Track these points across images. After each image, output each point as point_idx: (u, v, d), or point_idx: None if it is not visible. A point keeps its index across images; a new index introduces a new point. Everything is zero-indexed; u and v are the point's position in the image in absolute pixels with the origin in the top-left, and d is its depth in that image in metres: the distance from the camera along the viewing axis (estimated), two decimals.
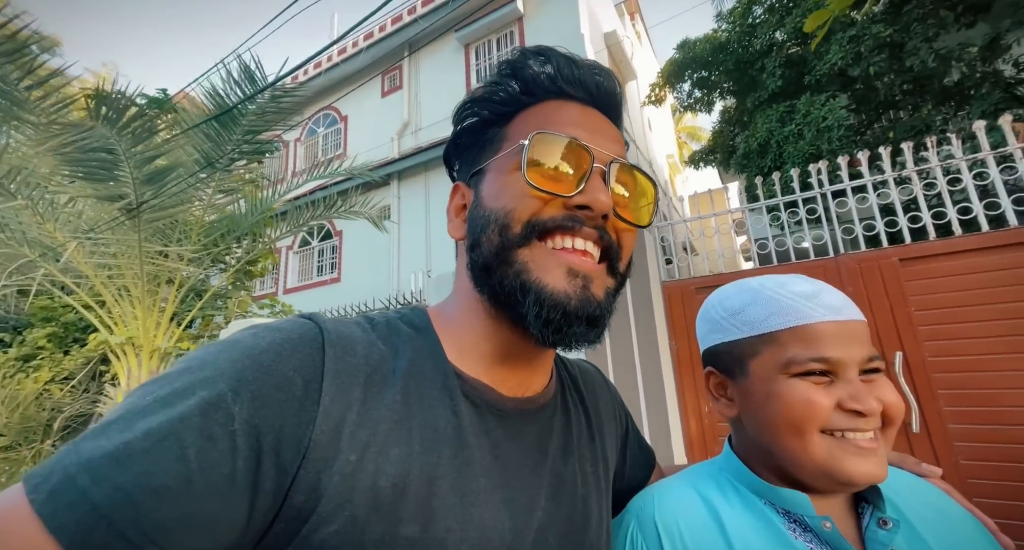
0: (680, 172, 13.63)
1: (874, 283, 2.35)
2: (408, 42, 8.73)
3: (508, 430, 0.44)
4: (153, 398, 0.31)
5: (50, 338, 4.35)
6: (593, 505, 0.49)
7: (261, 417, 0.31)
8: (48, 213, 3.32)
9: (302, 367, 0.35)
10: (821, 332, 0.49)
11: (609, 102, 0.50)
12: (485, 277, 0.44)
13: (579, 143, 0.44)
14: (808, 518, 0.49)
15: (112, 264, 3.83)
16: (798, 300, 0.52)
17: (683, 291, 2.81)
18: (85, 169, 3.05)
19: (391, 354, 0.41)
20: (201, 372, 0.32)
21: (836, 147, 4.85)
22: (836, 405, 0.48)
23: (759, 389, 0.52)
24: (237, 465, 0.30)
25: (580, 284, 0.41)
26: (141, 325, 3.86)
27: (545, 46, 0.50)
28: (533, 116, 0.47)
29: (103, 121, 2.79)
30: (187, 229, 4.18)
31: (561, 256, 0.42)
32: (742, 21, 5.83)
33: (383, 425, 0.36)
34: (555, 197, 0.43)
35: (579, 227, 0.42)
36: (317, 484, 0.32)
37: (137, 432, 0.29)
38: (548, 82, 0.48)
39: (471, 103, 0.50)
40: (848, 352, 0.48)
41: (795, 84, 5.59)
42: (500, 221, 0.43)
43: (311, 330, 0.38)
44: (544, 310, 0.40)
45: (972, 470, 2.04)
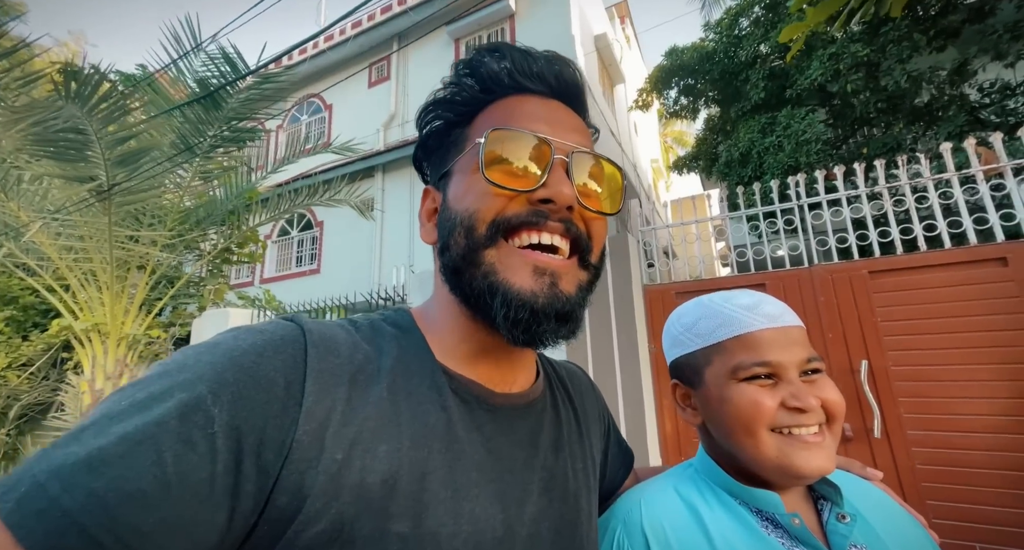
0: (664, 177, 13.85)
1: (844, 294, 2.45)
2: (397, 34, 8.61)
3: (499, 424, 0.44)
4: (129, 402, 0.30)
5: (7, 321, 4.14)
6: (583, 501, 0.49)
7: (242, 419, 0.31)
8: (12, 191, 3.16)
9: (284, 368, 0.35)
10: (761, 339, 0.55)
11: (570, 92, 0.49)
12: (456, 280, 0.44)
13: (538, 136, 0.43)
14: (779, 515, 0.53)
15: (79, 247, 3.67)
16: (740, 311, 0.58)
17: (664, 295, 2.87)
18: (53, 148, 2.91)
19: (376, 353, 0.41)
20: (180, 375, 0.32)
21: (813, 160, 5.02)
22: (780, 404, 0.53)
23: (714, 395, 0.57)
24: (216, 468, 0.29)
25: (547, 282, 0.41)
26: (108, 311, 3.72)
27: (500, 42, 0.50)
28: (493, 113, 0.47)
29: (72, 99, 2.66)
30: (161, 214, 4.04)
31: (527, 255, 0.42)
32: (728, 32, 5.96)
33: (370, 422, 0.36)
34: (517, 193, 0.42)
35: (544, 221, 0.42)
36: (301, 484, 0.32)
37: (111, 437, 0.28)
38: (506, 78, 0.47)
39: (433, 105, 0.50)
40: (787, 355, 0.54)
41: (777, 97, 5.75)
42: (465, 223, 0.43)
43: (293, 331, 0.38)
44: (511, 310, 0.40)
45: (928, 474, 2.15)
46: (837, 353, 2.42)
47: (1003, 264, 2.18)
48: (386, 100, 8.43)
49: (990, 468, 2.06)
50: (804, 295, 2.53)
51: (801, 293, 2.54)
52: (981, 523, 2.03)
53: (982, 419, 2.11)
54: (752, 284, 2.64)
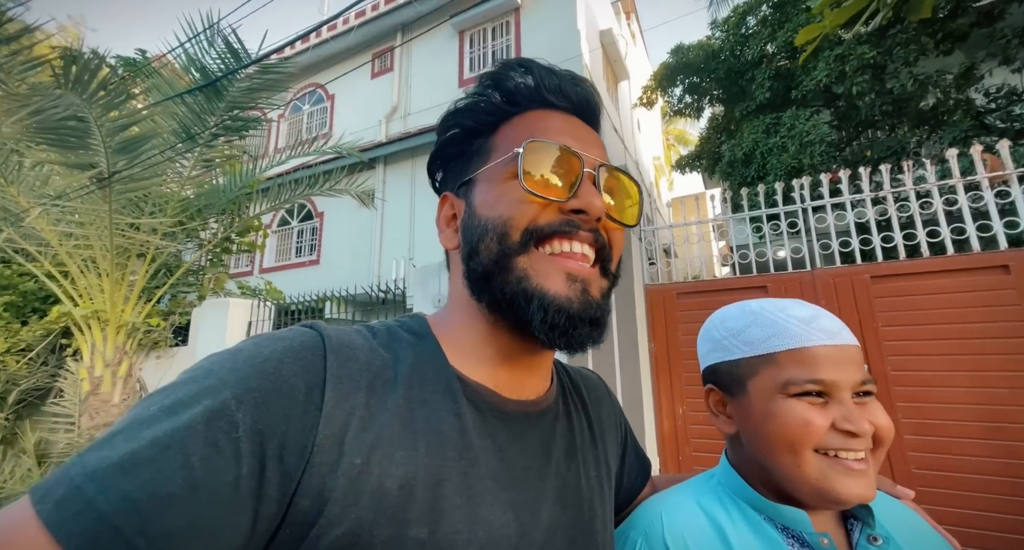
0: (665, 175, 13.83)
1: (846, 298, 2.46)
2: (401, 24, 8.53)
3: (512, 432, 0.45)
4: (158, 408, 0.31)
5: (6, 307, 4.13)
6: (598, 509, 0.49)
7: (264, 423, 0.32)
8: (13, 176, 3.14)
9: (304, 373, 0.35)
10: (818, 355, 0.52)
11: (589, 110, 0.52)
12: (485, 285, 0.44)
13: (570, 149, 0.45)
14: (807, 534, 0.51)
15: (79, 234, 3.65)
16: (797, 324, 0.54)
17: (665, 295, 2.87)
18: (54, 136, 2.89)
19: (392, 360, 0.42)
20: (205, 381, 0.33)
21: (817, 162, 5.01)
22: (831, 425, 0.50)
23: (757, 407, 0.54)
24: (241, 471, 0.30)
25: (580, 288, 0.43)
26: (108, 298, 3.71)
27: (525, 58, 0.51)
28: (519, 125, 0.48)
29: (72, 86, 2.63)
30: (162, 202, 4.02)
31: (559, 262, 0.43)
32: (735, 31, 5.92)
33: (387, 428, 0.37)
34: (551, 202, 0.44)
35: (576, 231, 0.44)
36: (322, 488, 0.33)
37: (142, 441, 0.29)
38: (531, 92, 0.49)
39: (456, 114, 0.51)
40: (843, 375, 0.51)
41: (782, 97, 5.73)
42: (498, 229, 0.44)
43: (313, 338, 0.39)
44: (549, 315, 0.41)
45: (924, 478, 2.17)
46: None
47: (1005, 272, 2.19)
48: (388, 92, 8.36)
49: (988, 473, 2.08)
50: (805, 298, 2.53)
51: (803, 296, 2.55)
52: (977, 528, 2.05)
53: (980, 425, 2.13)
54: (753, 286, 2.65)
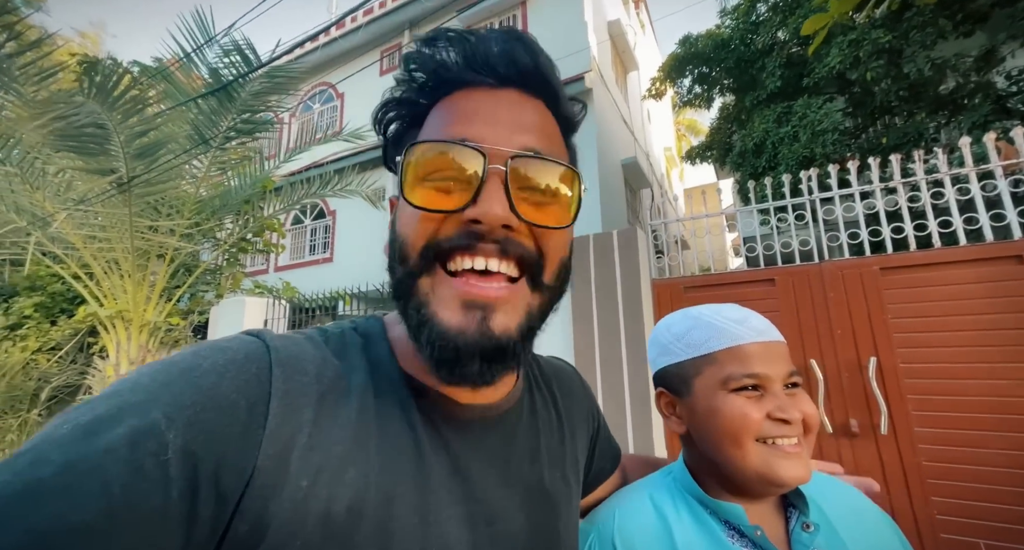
0: (677, 166, 13.66)
1: (855, 290, 2.44)
2: (409, 21, 8.55)
3: (468, 440, 0.42)
4: (72, 426, 0.28)
5: (37, 308, 4.31)
6: (562, 509, 0.49)
7: (199, 444, 0.29)
8: (39, 182, 3.27)
9: (246, 388, 0.33)
10: (751, 351, 0.58)
11: (528, 77, 0.43)
12: (400, 306, 0.41)
13: (467, 145, 0.37)
14: (743, 527, 0.56)
15: (102, 236, 3.79)
16: (731, 324, 0.60)
17: (672, 290, 2.88)
18: (75, 143, 3.00)
19: (347, 369, 0.39)
20: (132, 396, 0.30)
21: (829, 151, 4.92)
22: (766, 416, 0.55)
23: (702, 405, 0.59)
24: (170, 496, 0.27)
25: (478, 317, 0.37)
26: (131, 299, 3.85)
27: (448, 28, 0.43)
28: (433, 117, 0.42)
29: (94, 95, 2.73)
30: (178, 204, 4.14)
31: (457, 286, 0.37)
32: (745, 18, 5.81)
33: (338, 447, 0.35)
34: (444, 214, 0.37)
35: (476, 244, 0.37)
36: (264, 513, 0.30)
37: (53, 466, 0.26)
38: (456, 70, 0.41)
39: (388, 106, 0.45)
40: (773, 369, 0.57)
41: (794, 85, 5.62)
42: (400, 250, 0.40)
43: (258, 348, 0.35)
44: (436, 349, 0.36)
45: (934, 471, 2.16)
46: (845, 350, 2.42)
47: (1019, 262, 2.15)
48: None
49: (998, 466, 2.06)
50: (814, 291, 2.52)
51: (811, 289, 2.53)
52: (987, 520, 2.04)
53: (992, 417, 2.11)
54: (761, 279, 2.64)
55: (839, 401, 2.39)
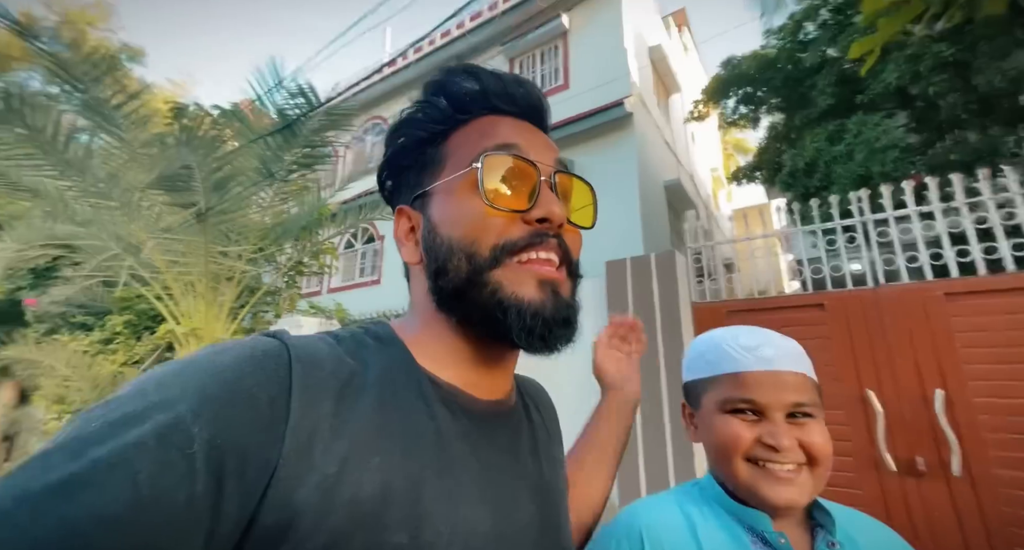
0: (724, 186, 13.29)
1: (917, 317, 2.28)
2: (456, 56, 9.05)
3: (484, 432, 0.45)
4: (101, 423, 0.29)
5: (126, 325, 4.82)
6: (561, 503, 0.52)
7: (224, 437, 0.30)
8: (134, 214, 3.72)
9: (267, 383, 0.34)
10: (751, 379, 0.62)
11: (537, 113, 0.52)
12: (455, 302, 0.45)
13: (524, 158, 0.45)
14: (767, 533, 0.58)
15: (181, 262, 4.22)
16: (738, 351, 0.64)
17: (714, 314, 2.80)
18: (168, 183, 3.42)
19: (361, 367, 0.41)
20: (158, 394, 0.31)
21: (889, 169, 4.65)
22: (756, 439, 0.59)
23: (706, 420, 0.66)
24: (196, 489, 0.28)
25: (551, 290, 0.44)
26: (203, 317, 4.22)
27: (469, 63, 0.51)
28: (470, 134, 0.48)
29: (184, 141, 3.12)
30: (246, 232, 4.55)
31: (530, 268, 0.44)
32: (792, 38, 5.70)
33: (360, 435, 0.36)
34: (514, 214, 0.44)
35: (543, 241, 0.44)
36: (290, 502, 0.31)
37: (83, 461, 0.27)
38: (479, 99, 0.49)
39: (405, 124, 0.51)
40: (772, 397, 0.60)
41: (847, 102, 5.40)
42: (466, 249, 0.44)
43: (276, 346, 0.37)
44: (527, 321, 0.42)
45: (1016, 517, 1.94)
46: (907, 380, 2.24)
47: None
48: None
49: None
50: (868, 317, 2.38)
51: (865, 315, 2.39)
52: None
53: None
54: (808, 304, 2.52)
55: (903, 436, 2.21)
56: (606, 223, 3.97)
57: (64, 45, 3.27)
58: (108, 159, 3.71)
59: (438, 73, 0.51)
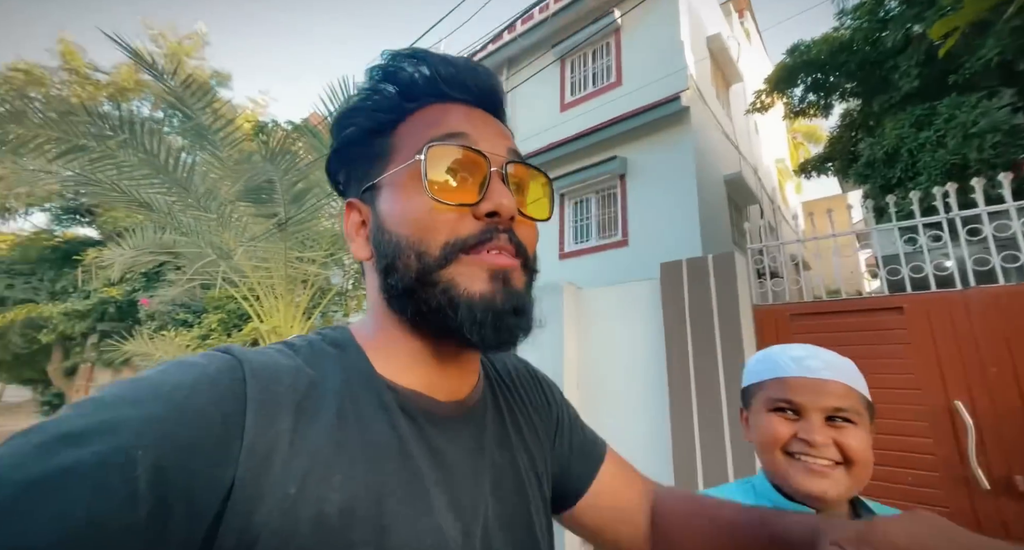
0: (792, 179, 12.42)
1: (1014, 321, 2.07)
2: (508, 59, 9.19)
3: (447, 435, 0.44)
4: (35, 445, 0.27)
5: (219, 322, 5.42)
6: (533, 492, 0.51)
7: (170, 460, 0.28)
8: (227, 224, 4.19)
9: (221, 401, 0.32)
10: (792, 383, 0.71)
11: (491, 99, 0.49)
12: (406, 300, 0.43)
13: (472, 148, 0.43)
14: None
15: (264, 266, 4.70)
16: (787, 361, 0.74)
17: (777, 317, 2.69)
18: (254, 195, 3.82)
19: (320, 377, 0.40)
20: (100, 413, 0.29)
21: (989, 155, 4.16)
22: (794, 435, 0.68)
23: (755, 419, 0.75)
24: (138, 515, 0.26)
25: (501, 281, 0.42)
26: (283, 317, 4.67)
27: (417, 48, 0.48)
28: (418, 123, 0.46)
29: (267, 158, 3.47)
30: (319, 238, 4.96)
31: (480, 260, 0.42)
32: (871, 16, 5.25)
33: (322, 451, 0.35)
34: (462, 208, 0.42)
35: (494, 237, 0.42)
36: (249, 524, 0.30)
37: (13, 487, 0.25)
38: (428, 85, 0.46)
39: (350, 113, 0.48)
40: (812, 400, 0.68)
41: (937, 83, 4.89)
42: (415, 247, 0.42)
43: (229, 362, 0.36)
44: (477, 315, 0.40)
45: None
46: (1003, 391, 2.04)
47: None
48: None
49: None
50: (956, 322, 2.18)
51: (952, 319, 2.20)
52: None
53: None
54: (884, 308, 2.36)
55: (998, 452, 2.01)
56: (663, 222, 4.00)
57: (171, 77, 3.76)
58: (206, 176, 4.22)
59: (384, 57, 0.48)
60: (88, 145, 3.60)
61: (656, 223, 6.10)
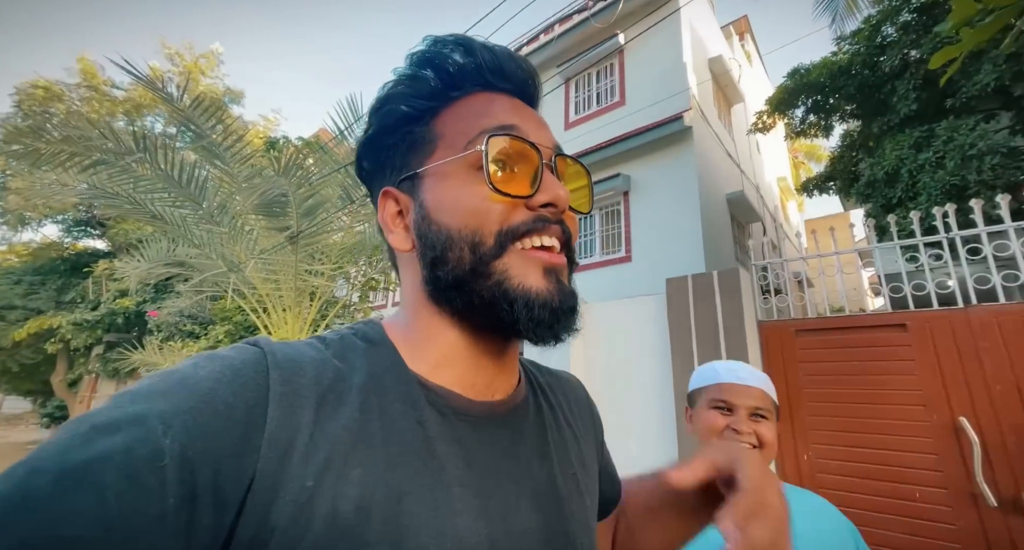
0: (793, 197, 12.54)
1: (1016, 340, 2.10)
2: None
3: (480, 435, 0.43)
4: (70, 436, 0.28)
5: (227, 334, 5.46)
6: (575, 509, 0.47)
7: (196, 449, 0.29)
8: (239, 237, 4.28)
9: (244, 392, 0.33)
10: (728, 388, 0.93)
11: (532, 91, 0.49)
12: (456, 292, 0.42)
13: (527, 141, 0.43)
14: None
15: (273, 279, 4.77)
16: (725, 371, 0.96)
17: (781, 333, 2.72)
18: (267, 209, 3.92)
19: (348, 370, 0.40)
20: (130, 406, 0.30)
21: (988, 177, 4.24)
22: (727, 425, 0.89)
23: (698, 415, 0.96)
24: (167, 504, 0.27)
25: (555, 279, 0.42)
26: (290, 328, 4.71)
27: (461, 34, 0.47)
28: (464, 113, 0.45)
29: (281, 173, 3.58)
30: (328, 251, 5.04)
31: (535, 256, 0.42)
32: (868, 42, 5.40)
33: (341, 446, 0.35)
34: (518, 199, 0.42)
35: (547, 226, 0.42)
36: (267, 516, 0.30)
37: (47, 475, 0.26)
38: (472, 73, 0.46)
39: (389, 99, 0.47)
40: (738, 400, 0.91)
41: (934, 107, 5.01)
42: (469, 238, 0.41)
43: (255, 354, 0.36)
44: (535, 312, 0.40)
45: None
46: (1008, 408, 2.06)
47: None
48: None
49: None
50: (959, 339, 2.22)
51: (955, 337, 2.23)
52: None
53: None
54: (887, 324, 2.39)
55: (1005, 469, 2.02)
56: (666, 239, 4.08)
57: (185, 95, 3.90)
58: (218, 190, 4.33)
59: (425, 43, 0.47)
60: (107, 160, 3.72)
61: (659, 240, 6.17)
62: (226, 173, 4.16)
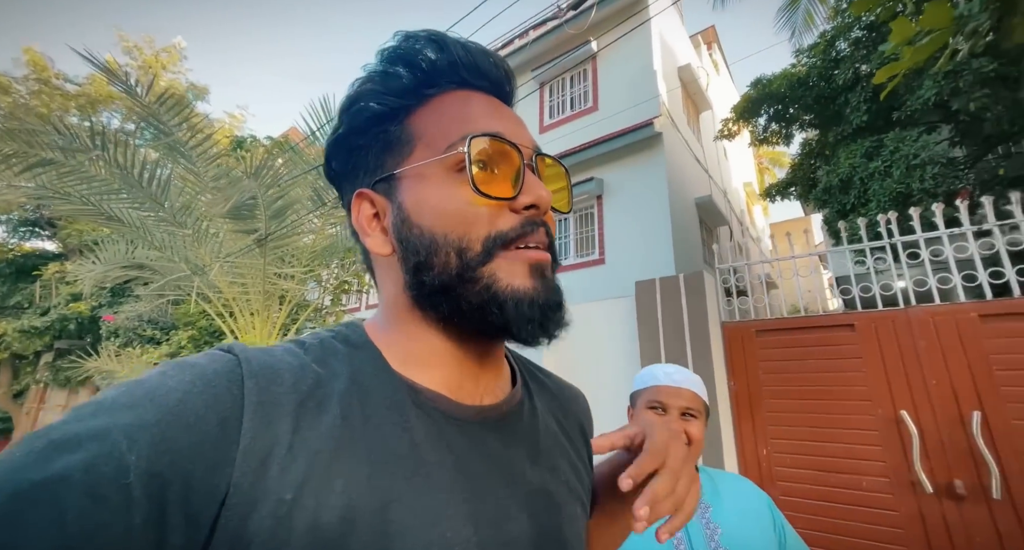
0: (759, 201, 13.05)
1: (950, 338, 2.28)
2: None
3: (470, 440, 0.42)
4: (25, 453, 0.26)
5: (190, 339, 5.27)
6: (568, 513, 0.46)
7: (164, 464, 0.28)
8: (203, 239, 4.15)
9: (216, 403, 0.31)
10: (662, 390, 1.03)
11: (508, 89, 0.48)
12: (441, 298, 0.41)
13: (508, 141, 0.42)
14: None
15: (240, 282, 4.63)
16: (661, 374, 1.06)
17: (743, 333, 2.86)
18: (235, 211, 3.81)
19: (328, 376, 0.38)
20: (91, 420, 0.28)
21: (929, 185, 4.55)
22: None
23: (636, 414, 1.05)
24: (132, 522, 0.26)
25: (540, 277, 0.42)
26: (259, 334, 4.59)
27: (435, 30, 0.45)
28: (440, 111, 0.44)
29: (249, 176, 3.49)
30: (298, 254, 4.94)
31: (521, 255, 0.41)
32: (823, 56, 5.71)
33: (322, 455, 0.33)
34: (500, 202, 0.41)
35: (534, 230, 0.42)
36: (243, 531, 0.29)
37: (2, 496, 0.24)
38: (447, 71, 0.44)
39: (361, 97, 0.45)
40: (671, 401, 1.01)
41: (884, 118, 5.34)
42: (455, 243, 0.40)
43: (228, 362, 0.34)
44: (524, 311, 0.40)
45: None
46: (943, 402, 2.23)
47: None
48: None
49: None
50: (900, 338, 2.39)
51: (897, 336, 2.40)
52: None
53: None
54: (838, 324, 2.55)
55: (940, 459, 2.19)
56: (638, 241, 4.20)
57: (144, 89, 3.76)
58: (182, 191, 4.18)
59: (395, 38, 0.45)
60: (56, 159, 3.54)
61: (631, 242, 6.33)
62: (191, 172, 4.03)
